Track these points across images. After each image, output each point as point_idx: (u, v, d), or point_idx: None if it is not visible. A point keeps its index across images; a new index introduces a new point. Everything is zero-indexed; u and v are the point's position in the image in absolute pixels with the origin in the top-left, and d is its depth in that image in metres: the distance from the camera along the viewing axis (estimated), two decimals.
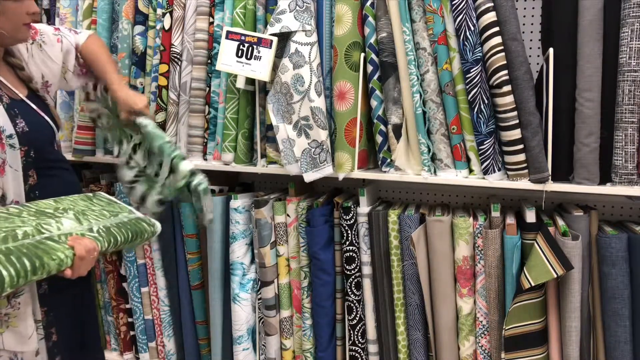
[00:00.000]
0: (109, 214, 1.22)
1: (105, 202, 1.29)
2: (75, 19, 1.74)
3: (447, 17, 1.28)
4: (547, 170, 1.24)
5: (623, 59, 1.17)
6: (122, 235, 1.15)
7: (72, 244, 1.01)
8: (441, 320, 1.41)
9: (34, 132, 1.18)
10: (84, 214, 1.16)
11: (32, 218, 1.05)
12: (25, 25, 1.16)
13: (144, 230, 1.23)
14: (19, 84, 1.23)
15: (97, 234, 1.10)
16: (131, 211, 1.29)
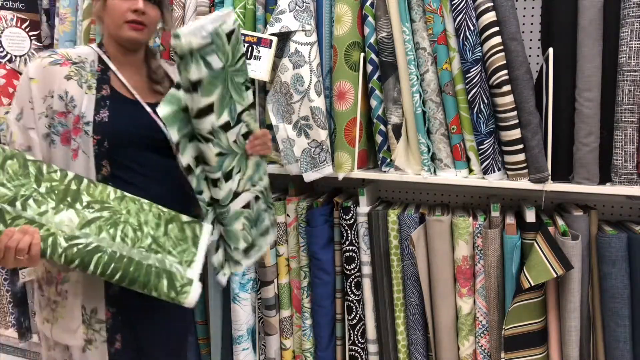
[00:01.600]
0: (155, 247, 1.08)
1: (184, 238, 1.14)
2: (75, 18, 1.74)
3: (446, 16, 1.28)
4: (547, 170, 1.24)
5: (623, 58, 1.17)
6: (114, 270, 1.00)
7: (9, 231, 0.94)
8: (441, 320, 1.41)
9: (119, 125, 1.11)
10: (131, 226, 1.07)
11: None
12: (128, 23, 1.11)
13: (160, 287, 1.05)
14: (145, 87, 1.20)
15: (65, 240, 0.99)
16: (190, 264, 1.12)
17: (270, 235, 1.34)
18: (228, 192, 1.17)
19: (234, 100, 1.13)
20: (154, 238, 1.09)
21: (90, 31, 1.68)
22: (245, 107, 1.17)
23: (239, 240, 1.24)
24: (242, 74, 1.15)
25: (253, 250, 1.30)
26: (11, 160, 1.00)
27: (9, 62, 1.68)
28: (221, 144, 1.12)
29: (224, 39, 1.07)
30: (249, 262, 1.30)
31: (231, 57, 1.10)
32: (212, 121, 1.08)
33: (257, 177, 1.25)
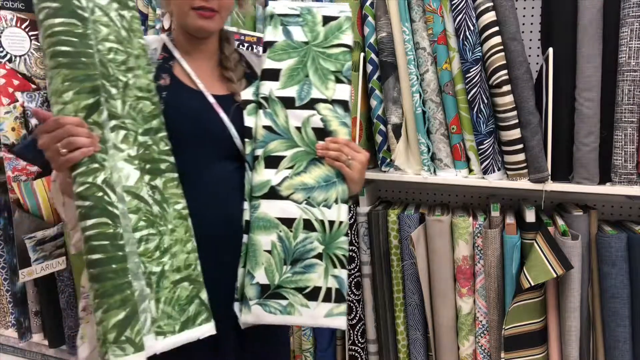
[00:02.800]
0: (154, 282, 0.88)
1: (181, 310, 0.92)
2: None
3: (446, 16, 1.28)
4: (547, 170, 1.24)
5: (623, 58, 1.17)
6: (99, 249, 0.82)
7: (80, 121, 0.82)
8: (441, 319, 1.41)
9: (174, 118, 0.99)
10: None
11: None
12: (194, 10, 0.98)
13: (109, 316, 0.80)
14: (215, 76, 1.09)
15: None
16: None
17: (314, 303, 0.96)
18: (263, 182, 0.99)
19: (310, 81, 1.02)
20: (161, 274, 0.90)
21: None
22: (327, 98, 1.02)
23: (258, 266, 0.97)
24: (334, 63, 1.03)
25: (275, 301, 0.97)
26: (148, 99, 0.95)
27: (9, 62, 1.68)
28: (275, 118, 1.01)
29: (318, 18, 1.05)
30: (261, 315, 0.97)
31: (322, 38, 1.04)
32: (272, 88, 1.02)
33: (323, 197, 0.99)
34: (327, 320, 0.96)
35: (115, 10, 0.96)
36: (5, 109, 1.67)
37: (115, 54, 0.93)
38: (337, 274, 0.97)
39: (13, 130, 1.69)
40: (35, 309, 1.97)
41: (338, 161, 0.99)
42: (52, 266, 1.81)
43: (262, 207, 0.98)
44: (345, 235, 0.99)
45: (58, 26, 0.84)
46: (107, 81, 0.89)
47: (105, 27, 0.92)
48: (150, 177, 0.92)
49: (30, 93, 1.74)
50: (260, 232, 0.98)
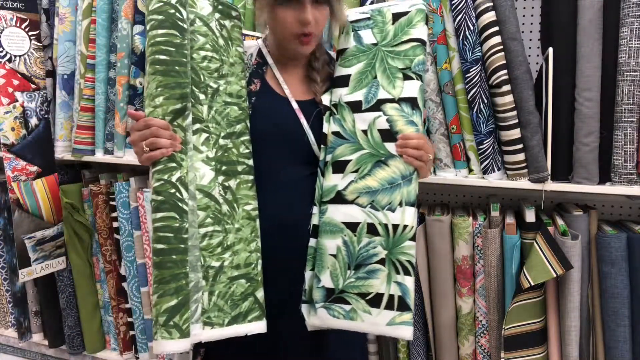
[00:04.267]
0: (210, 275, 0.93)
1: (233, 304, 0.95)
2: (74, 18, 1.74)
3: (446, 16, 1.28)
4: (547, 169, 1.24)
5: (622, 58, 1.17)
6: (163, 240, 0.88)
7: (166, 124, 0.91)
8: (441, 319, 1.41)
9: (258, 122, 1.05)
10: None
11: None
12: (295, 35, 1.01)
13: (163, 301, 0.87)
14: (303, 82, 1.12)
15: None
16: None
17: (376, 310, 0.94)
18: (330, 187, 1.00)
19: (378, 83, 1.01)
20: (219, 269, 0.94)
21: (90, 31, 1.68)
22: (394, 98, 1.00)
23: (324, 269, 0.98)
24: (403, 59, 1.01)
25: (339, 305, 0.96)
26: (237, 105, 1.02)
27: (8, 61, 1.68)
28: (342, 123, 1.01)
29: (387, 17, 1.03)
30: (326, 318, 0.96)
31: (391, 37, 1.02)
32: (341, 94, 1.02)
33: (386, 200, 0.96)
34: (389, 329, 0.93)
35: (216, 20, 1.04)
36: (5, 109, 1.67)
37: (209, 62, 1.00)
38: (400, 280, 0.94)
39: (13, 130, 1.69)
40: (35, 309, 1.97)
41: (419, 159, 0.97)
42: (51, 266, 1.81)
43: (329, 212, 0.99)
44: (412, 240, 0.95)
45: (159, 37, 0.93)
46: (197, 88, 0.98)
47: (202, 37, 1.00)
48: (224, 178, 0.97)
49: (30, 93, 1.74)
50: (326, 236, 0.98)
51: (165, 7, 0.95)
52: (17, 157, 1.70)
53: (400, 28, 1.02)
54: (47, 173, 1.77)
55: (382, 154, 0.98)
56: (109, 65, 1.70)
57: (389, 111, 0.99)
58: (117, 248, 1.77)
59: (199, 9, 1.02)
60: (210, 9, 1.03)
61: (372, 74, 1.02)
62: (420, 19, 1.02)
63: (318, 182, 1.04)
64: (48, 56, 1.83)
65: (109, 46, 1.69)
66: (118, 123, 1.67)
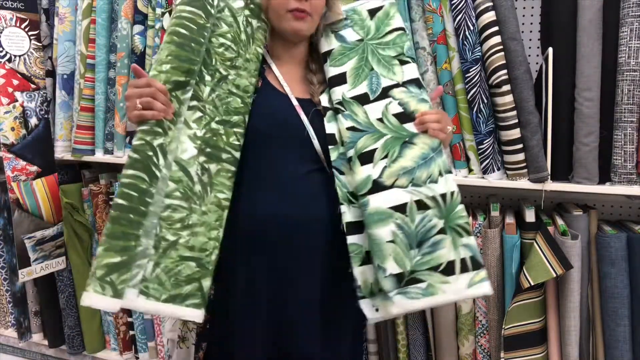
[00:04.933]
0: (162, 246, 0.94)
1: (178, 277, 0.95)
2: (74, 18, 1.74)
3: (446, 16, 1.28)
4: (547, 169, 1.24)
5: (622, 58, 1.17)
6: (126, 197, 0.89)
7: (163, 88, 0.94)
8: (440, 319, 1.41)
9: (259, 119, 1.07)
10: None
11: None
12: (290, 12, 1.04)
13: (100, 254, 0.87)
14: (301, 80, 1.13)
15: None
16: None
17: (454, 277, 0.95)
18: (365, 179, 0.99)
19: (377, 73, 1.06)
20: (172, 244, 0.94)
21: (90, 31, 1.68)
22: (398, 82, 1.05)
23: (386, 258, 0.96)
24: (393, 48, 1.07)
25: (414, 286, 0.95)
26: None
27: (8, 61, 1.68)
28: (355, 117, 1.03)
29: (364, 14, 1.10)
30: (405, 303, 0.95)
31: (374, 30, 1.09)
32: (343, 91, 1.06)
33: (426, 174, 0.98)
34: (471, 290, 0.95)
35: (244, 15, 1.08)
36: (4, 109, 1.67)
37: (226, 49, 1.04)
38: (465, 242, 0.97)
39: (12, 130, 1.69)
40: (35, 309, 1.97)
41: (442, 131, 1.01)
42: (51, 266, 1.81)
43: (372, 202, 0.98)
44: (461, 204, 0.98)
45: (186, 13, 0.99)
46: (206, 69, 1.01)
47: (226, 26, 1.05)
48: (205, 159, 0.98)
49: (29, 93, 1.74)
50: (377, 226, 0.97)
51: None
52: (17, 157, 1.70)
53: (380, 21, 1.09)
54: (47, 173, 1.77)
55: (405, 135, 1.01)
56: (109, 65, 1.70)
57: (397, 95, 1.04)
58: None
59: (231, 1, 1.07)
60: (242, 4, 1.09)
61: (368, 67, 1.06)
62: (395, 11, 1.11)
63: (338, 182, 1.04)
64: (48, 56, 1.82)
65: (109, 46, 1.69)
66: (118, 123, 1.67)
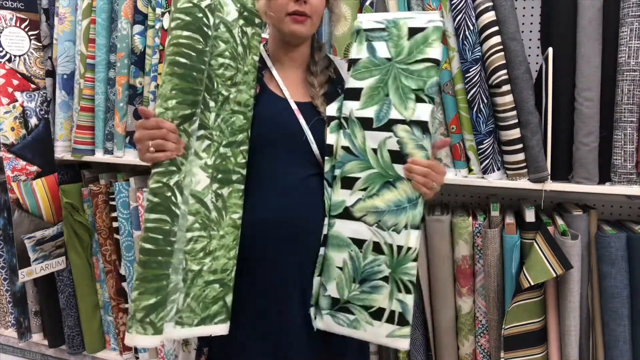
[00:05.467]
0: (190, 278, 0.97)
1: (205, 307, 0.99)
2: (74, 18, 1.74)
3: (446, 16, 1.28)
4: (547, 169, 1.24)
5: (622, 58, 1.17)
6: (150, 241, 0.91)
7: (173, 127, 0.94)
8: (440, 319, 1.41)
9: (259, 125, 1.07)
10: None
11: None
12: (290, 16, 1.03)
13: (143, 298, 0.91)
14: (301, 84, 1.13)
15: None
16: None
17: (378, 323, 0.98)
18: (339, 202, 1.01)
19: (390, 101, 0.99)
20: (198, 273, 0.97)
21: (90, 31, 1.68)
22: (405, 119, 0.97)
23: (330, 280, 1.01)
24: (416, 80, 0.98)
25: (343, 314, 1.00)
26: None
27: (8, 61, 1.68)
28: (353, 139, 1.00)
29: (403, 31, 0.99)
30: (331, 325, 1.01)
31: (405, 54, 0.99)
32: (352, 108, 1.00)
33: (392, 222, 0.98)
34: (389, 340, 0.98)
35: (239, 26, 1.04)
36: (4, 109, 1.67)
37: (225, 69, 1.01)
38: (401, 298, 0.98)
39: (12, 130, 1.69)
40: (35, 309, 1.97)
41: (425, 186, 0.97)
42: (51, 266, 1.81)
43: (337, 226, 1.01)
44: (414, 261, 0.97)
45: (183, 39, 0.94)
46: (209, 95, 0.99)
47: (223, 43, 1.00)
48: (218, 186, 1.00)
49: (29, 93, 1.74)
50: (334, 249, 1.01)
51: (194, 10, 0.95)
52: (17, 157, 1.70)
53: (416, 45, 0.98)
54: (46, 173, 1.77)
55: (391, 175, 0.98)
56: (109, 65, 1.70)
57: (399, 132, 0.98)
58: (117, 248, 1.77)
59: (225, 14, 1.01)
60: (236, 15, 1.03)
61: (385, 91, 0.99)
62: (437, 38, 0.98)
63: (326, 194, 1.04)
64: (48, 56, 1.82)
65: (109, 46, 1.69)
66: (118, 123, 1.67)
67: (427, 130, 0.97)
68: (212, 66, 0.99)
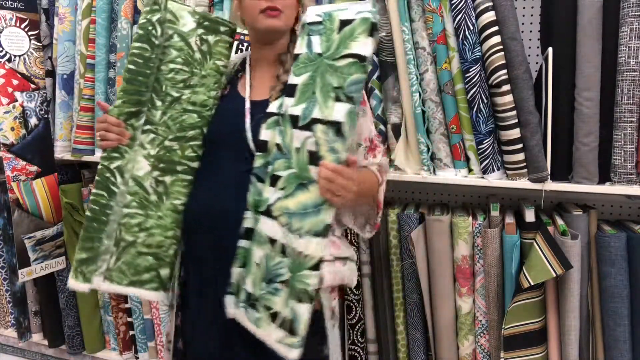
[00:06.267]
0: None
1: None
2: (74, 18, 1.74)
3: (446, 16, 1.28)
4: (546, 169, 1.24)
5: (622, 58, 1.17)
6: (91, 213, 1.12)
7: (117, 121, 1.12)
8: (440, 319, 1.41)
9: (212, 125, 1.13)
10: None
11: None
12: (262, 13, 1.04)
13: (75, 250, 1.13)
14: (271, 82, 1.11)
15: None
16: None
17: (272, 326, 0.95)
18: (265, 199, 0.98)
19: (316, 99, 0.93)
20: (131, 243, 1.12)
21: (90, 31, 1.68)
22: (324, 119, 0.92)
23: (249, 274, 0.99)
24: (338, 77, 0.92)
25: (252, 310, 0.98)
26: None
27: (8, 61, 1.68)
28: (284, 136, 0.96)
29: (335, 24, 0.94)
30: (242, 317, 1.00)
31: (334, 48, 0.93)
32: (287, 104, 0.96)
33: (298, 225, 0.93)
34: (279, 346, 0.94)
35: (198, 35, 1.14)
36: (4, 109, 1.67)
37: (176, 73, 1.13)
38: (294, 306, 0.92)
39: (12, 130, 1.69)
40: (34, 309, 1.98)
41: (331, 192, 0.91)
42: (51, 266, 1.81)
43: (261, 222, 0.98)
44: (312, 269, 0.91)
45: (134, 49, 1.12)
46: (157, 95, 1.13)
47: (176, 51, 1.13)
48: (159, 173, 1.12)
49: (29, 93, 1.74)
50: (255, 245, 0.98)
51: (147, 24, 1.12)
52: (17, 157, 1.70)
53: (343, 39, 0.92)
54: (46, 173, 1.77)
55: (305, 177, 0.93)
56: (109, 65, 1.70)
57: (318, 132, 0.92)
58: None
59: (180, 25, 1.13)
60: (194, 25, 1.14)
61: (312, 89, 0.94)
62: (363, 30, 0.91)
63: (253, 189, 1.01)
64: (47, 56, 1.82)
65: (109, 46, 1.69)
66: None
67: (340, 132, 0.90)
68: (162, 71, 1.13)
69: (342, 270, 1.08)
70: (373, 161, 1.13)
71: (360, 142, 1.10)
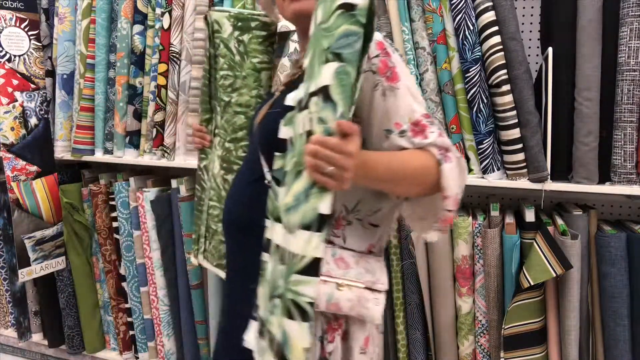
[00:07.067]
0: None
1: None
2: (74, 18, 1.74)
3: (446, 16, 1.28)
4: (546, 169, 1.24)
5: (622, 58, 1.17)
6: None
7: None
8: (440, 319, 1.41)
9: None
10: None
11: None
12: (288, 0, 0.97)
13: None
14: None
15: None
16: None
17: (263, 344, 0.77)
18: (279, 204, 0.79)
19: (315, 72, 0.76)
20: (214, 232, 1.25)
21: (90, 31, 1.68)
22: (315, 90, 0.74)
23: (262, 294, 0.81)
24: (328, 37, 0.74)
25: (260, 337, 0.80)
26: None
27: (8, 61, 1.68)
28: (294, 127, 0.79)
29: None
30: (253, 347, 0.82)
31: (327, 10, 0.76)
32: (299, 91, 0.81)
33: (294, 219, 0.74)
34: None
35: (235, 38, 1.18)
36: (4, 109, 1.67)
37: (225, 79, 1.20)
38: (282, 324, 0.73)
39: (12, 130, 1.69)
40: (34, 309, 1.97)
41: (316, 170, 0.72)
42: (51, 266, 1.81)
43: (275, 229, 0.80)
44: (304, 274, 0.72)
45: (204, 64, 1.27)
46: (217, 102, 1.24)
47: (222, 58, 1.20)
48: (224, 172, 1.22)
49: (29, 93, 1.74)
50: (269, 257, 0.81)
51: (205, 43, 1.27)
52: (17, 157, 1.70)
53: (331, 3, 0.76)
54: (46, 173, 1.77)
55: (302, 162, 0.74)
56: (109, 65, 1.70)
57: (311, 106, 0.74)
58: (116, 248, 1.77)
59: (223, 32, 1.18)
60: (231, 29, 1.18)
61: (313, 63, 0.77)
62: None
63: (271, 194, 0.83)
64: (47, 56, 1.82)
65: (109, 46, 1.69)
66: (118, 123, 1.67)
67: (328, 97, 0.72)
68: (217, 80, 1.22)
69: (340, 296, 0.84)
70: (423, 142, 0.85)
71: (389, 127, 0.86)
